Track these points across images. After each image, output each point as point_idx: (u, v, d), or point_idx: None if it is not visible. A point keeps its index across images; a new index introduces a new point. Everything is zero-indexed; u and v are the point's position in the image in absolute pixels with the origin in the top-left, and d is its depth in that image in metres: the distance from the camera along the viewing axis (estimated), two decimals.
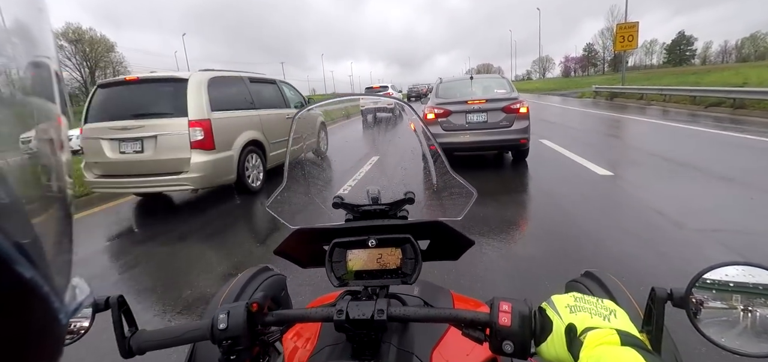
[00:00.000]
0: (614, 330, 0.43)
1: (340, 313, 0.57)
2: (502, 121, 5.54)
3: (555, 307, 0.49)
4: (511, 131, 5.52)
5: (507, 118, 5.53)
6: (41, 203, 0.20)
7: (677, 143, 6.87)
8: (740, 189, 4.00)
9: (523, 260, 2.80)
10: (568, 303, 0.49)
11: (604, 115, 12.73)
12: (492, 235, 3.27)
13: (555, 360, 0.47)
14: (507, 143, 5.63)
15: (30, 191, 0.20)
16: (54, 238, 0.21)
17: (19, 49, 0.19)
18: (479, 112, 5.57)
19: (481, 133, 5.58)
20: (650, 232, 3.06)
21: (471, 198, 0.79)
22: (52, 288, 0.18)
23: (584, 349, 0.42)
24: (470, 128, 5.61)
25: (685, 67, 77.00)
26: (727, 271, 0.47)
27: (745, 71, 21.79)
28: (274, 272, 1.03)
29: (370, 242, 0.67)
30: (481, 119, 5.59)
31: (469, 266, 2.64)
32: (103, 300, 0.59)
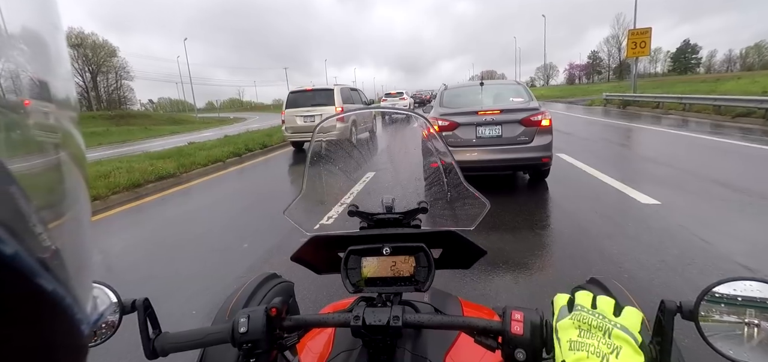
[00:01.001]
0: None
1: (357, 319, 0.58)
2: (520, 135, 4.54)
3: (559, 337, 0.47)
4: (531, 147, 4.52)
5: (526, 132, 4.53)
6: (60, 212, 0.20)
7: (720, 161, 5.91)
8: None
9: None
10: (571, 337, 0.46)
11: (621, 125, 11.77)
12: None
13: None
14: (526, 162, 4.64)
15: (49, 201, 0.19)
16: (73, 247, 0.20)
17: (34, 58, 0.19)
18: (492, 125, 4.56)
19: (494, 150, 4.58)
20: None
21: (484, 209, 0.79)
22: (74, 298, 0.18)
23: None
24: (481, 144, 4.61)
25: (690, 75, 76.12)
26: (736, 286, 0.48)
27: (763, 80, 20.89)
28: (282, 279, 1.03)
29: (385, 250, 0.68)
30: (495, 134, 4.58)
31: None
32: (129, 303, 0.60)
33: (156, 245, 3.97)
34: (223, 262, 3.30)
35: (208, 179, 7.46)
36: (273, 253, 3.36)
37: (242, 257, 3.35)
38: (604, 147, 8.06)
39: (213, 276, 3.03)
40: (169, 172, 7.10)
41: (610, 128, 11.38)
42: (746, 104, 10.75)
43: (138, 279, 3.14)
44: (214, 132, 21.22)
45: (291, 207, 0.82)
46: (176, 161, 7.88)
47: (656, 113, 14.49)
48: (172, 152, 9.38)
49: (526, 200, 4.47)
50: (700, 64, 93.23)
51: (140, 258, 3.63)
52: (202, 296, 2.73)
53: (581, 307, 0.48)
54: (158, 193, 6.34)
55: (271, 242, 3.62)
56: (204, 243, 3.86)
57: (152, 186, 6.53)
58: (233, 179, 7.53)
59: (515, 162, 4.65)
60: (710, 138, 8.17)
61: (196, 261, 3.39)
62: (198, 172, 7.76)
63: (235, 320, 0.58)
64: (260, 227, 4.21)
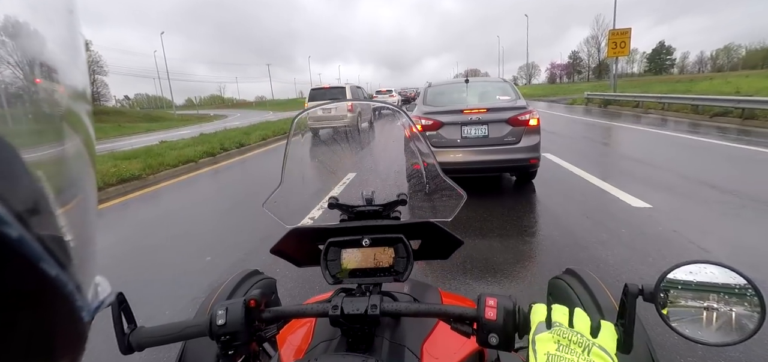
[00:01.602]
0: None
1: (335, 308, 0.59)
2: (508, 136, 4.31)
3: (535, 349, 0.47)
4: (518, 148, 4.30)
5: (513, 132, 4.30)
6: (67, 199, 0.20)
7: (705, 161, 5.85)
8: None
9: None
10: (549, 350, 0.46)
11: (604, 124, 11.79)
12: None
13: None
14: (514, 164, 4.39)
15: (56, 187, 0.19)
16: (79, 235, 0.20)
17: (54, 47, 0.19)
18: (478, 125, 4.33)
19: (480, 151, 4.35)
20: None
21: (461, 200, 0.81)
22: (76, 285, 0.18)
23: None
24: (467, 144, 4.37)
25: (665, 75, 78.60)
26: (693, 269, 0.51)
27: (735, 81, 21.55)
28: (264, 275, 1.04)
29: (364, 242, 0.70)
30: (481, 134, 4.35)
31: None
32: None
33: (102, 257, 3.54)
34: (178, 280, 2.92)
35: (176, 181, 6.98)
36: (239, 267, 3.00)
37: (203, 273, 2.99)
38: (590, 147, 7.97)
39: (162, 298, 2.66)
40: (134, 174, 6.58)
41: (593, 126, 11.38)
42: (723, 103, 10.91)
43: None
44: (191, 130, 20.43)
45: (270, 200, 0.82)
46: (143, 162, 7.35)
47: (636, 112, 14.64)
48: (140, 152, 8.80)
49: (514, 204, 4.24)
50: (674, 65, 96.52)
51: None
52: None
53: (559, 324, 0.49)
54: (119, 197, 5.85)
55: (238, 254, 3.27)
56: (159, 257, 3.46)
57: (114, 190, 6.02)
58: (204, 181, 7.07)
59: (502, 164, 4.39)
60: (692, 137, 8.19)
61: (144, 279, 2.99)
62: (167, 173, 7.26)
63: (212, 312, 0.58)
64: (228, 235, 3.83)
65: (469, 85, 5.04)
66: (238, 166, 8.52)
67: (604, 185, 4.65)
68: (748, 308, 0.49)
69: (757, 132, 8.44)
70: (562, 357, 0.45)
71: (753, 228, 3.18)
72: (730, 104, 10.63)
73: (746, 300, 0.49)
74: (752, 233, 3.09)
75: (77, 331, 0.19)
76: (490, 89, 5.13)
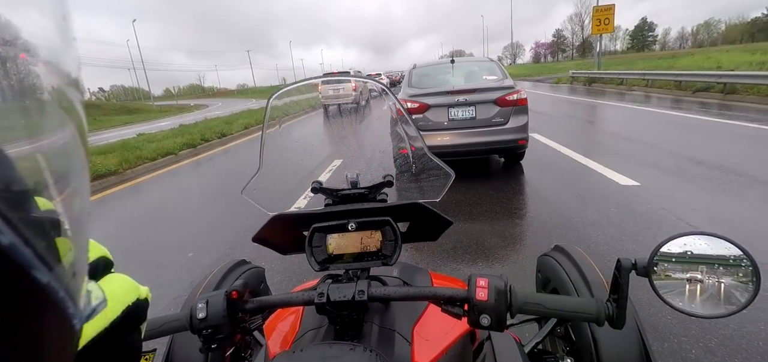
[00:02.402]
0: None
1: (321, 296, 0.57)
2: (495, 116, 4.19)
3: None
4: (507, 129, 4.18)
5: (501, 112, 4.18)
6: (59, 200, 0.20)
7: (689, 136, 5.89)
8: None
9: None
10: None
11: (589, 102, 11.84)
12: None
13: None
14: (502, 145, 4.28)
15: (47, 193, 0.19)
16: (70, 241, 0.20)
17: (46, 34, 0.18)
18: (465, 106, 4.20)
19: (467, 133, 4.23)
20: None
21: (449, 179, 0.79)
22: (68, 293, 0.18)
23: None
24: (453, 126, 4.24)
25: (648, 52, 79.61)
26: (687, 240, 0.50)
27: (716, 56, 21.91)
28: (252, 265, 1.02)
29: (350, 226, 0.67)
30: (468, 115, 4.22)
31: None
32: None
33: None
34: (158, 279, 2.78)
35: (155, 175, 6.72)
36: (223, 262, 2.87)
37: (185, 270, 2.85)
38: (576, 126, 7.97)
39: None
40: (110, 169, 6.31)
41: (579, 105, 11.41)
42: (705, 78, 11.05)
43: None
44: (171, 121, 19.81)
45: (249, 186, 0.79)
46: (120, 156, 7.05)
47: (621, 90, 14.76)
48: (116, 146, 8.45)
49: (503, 186, 4.19)
50: (656, 42, 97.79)
51: None
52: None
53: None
54: (94, 194, 5.59)
55: (223, 248, 3.13)
56: (138, 256, 3.30)
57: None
58: (185, 174, 6.83)
59: (490, 146, 4.27)
60: (676, 113, 8.27)
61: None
62: (145, 167, 6.99)
63: (192, 306, 0.56)
64: (211, 229, 3.68)
65: (455, 66, 4.87)
66: (221, 157, 8.27)
67: (592, 164, 4.64)
68: (743, 278, 0.48)
69: (738, 107, 8.58)
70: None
71: (739, 203, 3.19)
72: (712, 79, 10.77)
73: (741, 270, 0.48)
74: (739, 208, 3.09)
75: (68, 338, 0.19)
76: (477, 69, 4.95)
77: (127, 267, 2.14)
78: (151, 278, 2.80)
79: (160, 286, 2.65)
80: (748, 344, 1.65)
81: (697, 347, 1.67)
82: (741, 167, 4.04)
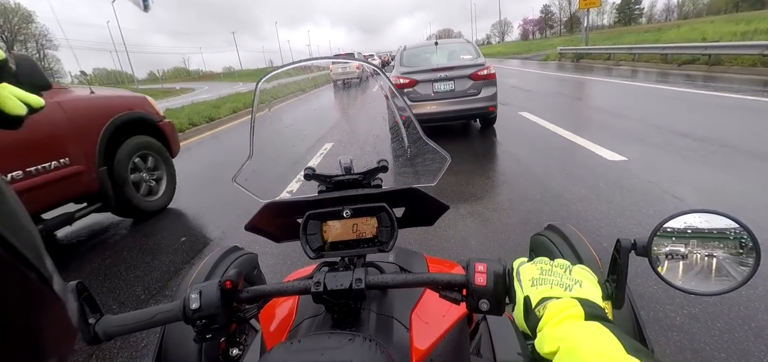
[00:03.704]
0: (576, 300, 0.42)
1: (318, 285, 0.56)
2: (470, 89, 5.17)
3: (520, 279, 0.49)
4: (479, 98, 5.18)
5: (474, 85, 5.17)
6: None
7: (677, 110, 5.98)
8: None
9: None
10: (533, 275, 0.48)
11: (577, 79, 11.89)
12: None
13: (522, 329, 0.48)
14: (475, 111, 5.28)
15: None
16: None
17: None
18: (446, 80, 5.17)
19: (448, 103, 5.21)
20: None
21: (445, 163, 0.78)
22: (61, 286, 0.19)
23: (546, 324, 0.41)
24: (437, 97, 5.21)
25: (634, 26, 79.76)
26: (687, 219, 0.50)
27: (701, 27, 22.05)
28: (245, 251, 1.01)
29: (345, 213, 0.66)
30: (448, 88, 5.19)
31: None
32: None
33: (65, 249, 3.31)
34: (150, 263, 2.76)
35: None
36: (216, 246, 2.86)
37: (177, 253, 2.83)
38: (565, 102, 8.02)
39: (135, 281, 2.50)
40: None
41: (567, 82, 11.45)
42: (690, 51, 11.16)
43: None
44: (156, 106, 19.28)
45: (240, 174, 0.77)
46: None
47: (608, 65, 14.84)
48: None
49: (493, 163, 4.22)
50: (642, 15, 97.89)
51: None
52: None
53: (541, 259, 0.51)
54: None
55: (215, 233, 3.11)
56: (128, 241, 3.26)
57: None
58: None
59: (467, 112, 5.26)
60: (662, 87, 8.37)
61: (118, 267, 2.81)
62: None
63: (186, 296, 0.55)
64: (201, 214, 3.65)
65: (439, 47, 5.90)
66: (210, 141, 8.12)
67: (581, 141, 4.69)
68: (743, 254, 0.48)
69: (722, 78, 8.71)
70: (545, 279, 0.47)
71: (724, 174, 3.28)
72: (697, 51, 10.88)
73: (740, 246, 0.48)
74: (723, 179, 3.18)
75: (67, 328, 0.20)
76: (456, 49, 5.84)
77: (120, 254, 2.07)
78: (146, 263, 2.78)
79: (153, 270, 2.64)
80: (730, 310, 1.73)
81: (681, 314, 1.74)
82: (725, 138, 4.13)
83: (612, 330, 0.38)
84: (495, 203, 3.19)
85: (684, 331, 1.65)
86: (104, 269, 2.81)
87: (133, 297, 2.40)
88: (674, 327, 1.67)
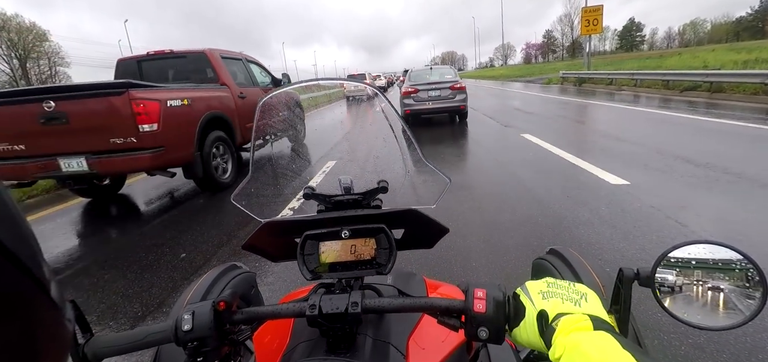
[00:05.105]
0: (586, 315, 0.43)
1: (313, 308, 0.55)
2: (449, 95, 8.74)
3: (529, 293, 0.50)
4: (455, 100, 8.78)
5: (452, 93, 8.75)
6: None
7: (679, 135, 5.99)
8: None
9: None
10: (541, 289, 0.49)
11: (580, 103, 11.97)
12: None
13: (527, 345, 0.48)
14: (453, 108, 8.91)
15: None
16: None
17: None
18: (435, 89, 8.82)
19: (436, 102, 8.83)
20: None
21: (445, 186, 0.78)
22: (58, 293, 0.19)
23: (558, 335, 0.43)
24: (430, 99, 8.86)
25: (636, 52, 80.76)
26: (690, 250, 0.49)
27: (703, 55, 22.28)
28: (243, 269, 1.00)
29: (343, 234, 0.66)
30: (437, 94, 8.82)
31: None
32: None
33: (67, 259, 3.30)
34: (150, 279, 2.74)
35: (143, 177, 6.61)
36: (217, 262, 2.84)
37: (177, 270, 2.81)
38: (567, 126, 8.05)
39: (132, 299, 2.48)
40: None
41: (569, 105, 11.54)
42: (692, 78, 11.26)
43: None
44: None
45: (239, 192, 0.78)
46: None
47: (610, 90, 14.96)
48: None
49: (499, 189, 4.21)
50: (644, 41, 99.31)
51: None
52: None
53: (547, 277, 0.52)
54: (67, 201, 5.49)
55: (215, 250, 3.10)
56: (126, 258, 3.25)
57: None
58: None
59: (447, 108, 8.91)
60: (664, 112, 8.40)
61: (116, 284, 2.80)
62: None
63: (178, 317, 0.54)
64: (203, 229, 3.64)
65: (432, 70, 9.78)
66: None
67: (583, 164, 4.69)
68: (749, 288, 0.46)
69: (724, 105, 8.74)
70: (554, 292, 0.48)
71: (727, 200, 3.25)
72: (698, 78, 10.97)
73: (746, 279, 0.47)
74: (727, 205, 3.15)
75: (62, 334, 0.20)
76: (443, 71, 9.73)
77: (120, 271, 2.07)
78: (148, 279, 2.76)
79: (152, 286, 2.62)
80: (736, 341, 1.69)
81: (686, 344, 1.69)
82: (728, 165, 4.12)
83: (618, 339, 0.39)
84: (497, 224, 3.17)
85: (689, 361, 1.61)
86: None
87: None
88: (679, 357, 1.63)
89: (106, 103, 3.79)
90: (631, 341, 0.76)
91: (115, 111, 3.79)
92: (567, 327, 0.42)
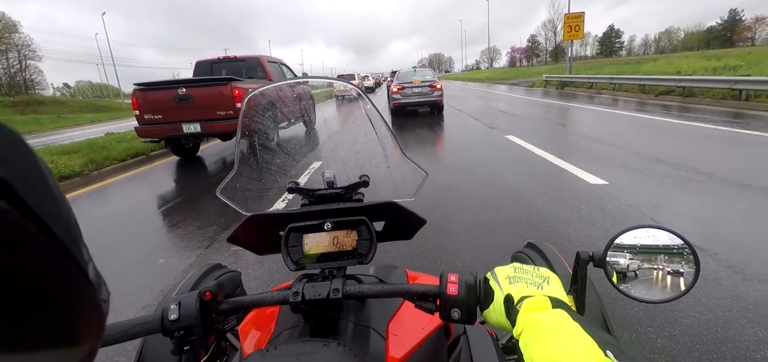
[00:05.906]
0: (546, 296, 0.48)
1: (296, 295, 0.58)
2: (428, 90, 10.85)
3: (497, 278, 0.54)
4: (433, 96, 10.89)
5: (430, 89, 10.84)
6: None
7: (654, 137, 6.21)
8: (745, 195, 3.19)
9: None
10: (508, 274, 0.54)
11: (561, 105, 12.27)
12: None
13: (497, 325, 0.53)
14: (432, 102, 10.98)
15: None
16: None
17: None
18: (417, 87, 10.91)
19: (419, 97, 10.95)
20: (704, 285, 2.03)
21: (423, 179, 0.81)
22: (95, 273, 0.20)
23: (520, 315, 0.47)
24: (414, 94, 10.99)
25: (615, 58, 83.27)
26: (636, 233, 0.55)
27: (676, 61, 23.16)
28: (228, 269, 1.00)
29: (326, 226, 0.68)
30: (419, 90, 10.93)
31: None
32: None
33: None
34: (122, 287, 2.68)
35: (125, 177, 6.44)
36: (197, 266, 2.79)
37: (154, 276, 2.75)
38: (550, 128, 8.24)
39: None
40: (74, 170, 6.00)
41: (552, 108, 11.81)
42: (666, 83, 11.70)
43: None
44: None
45: (225, 186, 0.79)
46: (85, 157, 6.72)
47: (590, 93, 15.38)
48: (82, 146, 8.06)
49: (482, 187, 4.28)
50: (622, 48, 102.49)
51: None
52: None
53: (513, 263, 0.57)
54: None
55: (198, 250, 3.04)
56: (103, 263, 3.16)
57: None
58: (158, 175, 6.58)
59: (427, 102, 10.96)
60: (640, 115, 8.70)
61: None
62: (113, 169, 6.69)
63: (165, 308, 0.55)
64: (184, 233, 3.57)
65: (416, 71, 12.01)
66: (199, 156, 8.02)
67: (564, 165, 4.81)
68: (685, 266, 0.53)
69: (696, 108, 9.12)
70: (519, 277, 0.53)
71: (699, 198, 3.40)
72: (672, 83, 11.41)
73: (684, 259, 0.53)
74: (698, 203, 3.30)
75: (99, 314, 0.20)
76: (425, 73, 11.99)
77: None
78: (123, 289, 2.69)
79: (128, 296, 2.56)
80: (708, 330, 1.77)
81: (662, 335, 1.77)
82: (699, 166, 4.30)
83: (572, 315, 0.44)
84: (480, 222, 3.23)
85: (665, 353, 1.68)
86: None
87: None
88: (655, 350, 1.70)
89: (218, 90, 6.09)
90: (596, 322, 0.81)
91: (223, 95, 6.07)
92: (529, 308, 0.47)
